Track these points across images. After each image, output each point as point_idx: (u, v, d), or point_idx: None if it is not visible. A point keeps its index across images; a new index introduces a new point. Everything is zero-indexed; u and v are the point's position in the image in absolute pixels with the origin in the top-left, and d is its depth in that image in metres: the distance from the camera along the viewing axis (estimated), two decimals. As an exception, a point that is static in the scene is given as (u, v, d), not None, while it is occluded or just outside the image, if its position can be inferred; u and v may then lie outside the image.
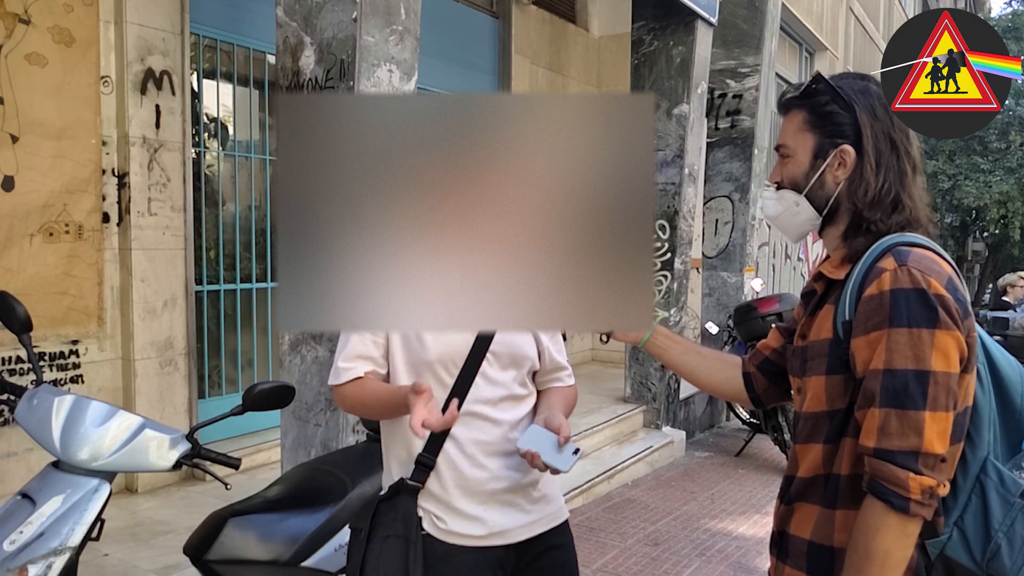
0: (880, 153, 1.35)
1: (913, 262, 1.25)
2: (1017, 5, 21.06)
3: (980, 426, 1.31)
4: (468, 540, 1.68)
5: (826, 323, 1.36)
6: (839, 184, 1.37)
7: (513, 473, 1.72)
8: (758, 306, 6.31)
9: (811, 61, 12.25)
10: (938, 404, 1.21)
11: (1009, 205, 17.82)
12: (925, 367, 1.21)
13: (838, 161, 1.37)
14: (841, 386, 1.32)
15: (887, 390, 1.22)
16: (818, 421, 1.36)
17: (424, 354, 1.69)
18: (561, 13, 7.86)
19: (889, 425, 1.22)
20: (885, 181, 1.34)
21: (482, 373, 1.70)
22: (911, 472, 1.20)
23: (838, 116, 1.37)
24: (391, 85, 3.27)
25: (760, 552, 4.29)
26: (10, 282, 3.63)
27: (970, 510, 1.29)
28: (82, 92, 3.93)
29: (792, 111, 1.42)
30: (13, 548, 1.80)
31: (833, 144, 1.37)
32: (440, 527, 1.67)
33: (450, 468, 1.68)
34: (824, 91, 1.38)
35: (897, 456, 1.21)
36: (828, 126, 1.37)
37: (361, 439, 3.13)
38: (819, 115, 1.38)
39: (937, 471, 1.21)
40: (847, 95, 1.36)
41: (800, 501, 1.40)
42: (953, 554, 1.29)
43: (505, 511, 1.71)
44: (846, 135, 1.36)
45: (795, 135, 1.41)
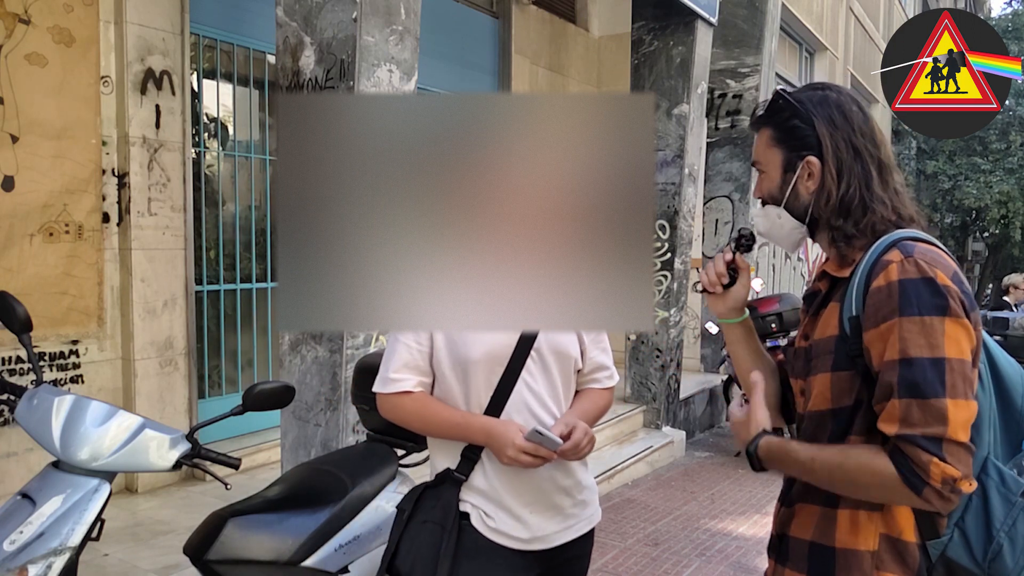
0: (840, 162, 1.37)
1: (919, 254, 1.26)
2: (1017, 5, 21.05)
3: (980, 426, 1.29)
4: (512, 542, 1.71)
5: (831, 320, 1.36)
6: (812, 194, 1.40)
7: (556, 473, 1.75)
8: (758, 306, 6.31)
9: (811, 61, 12.25)
10: (957, 391, 1.19)
11: (1010, 205, 17.80)
12: (940, 354, 1.20)
13: (807, 173, 1.40)
14: (848, 382, 1.31)
15: (904, 380, 1.21)
16: (823, 420, 1.36)
17: (469, 353, 1.71)
18: (561, 13, 7.85)
19: (911, 415, 1.20)
20: (848, 187, 1.36)
21: (527, 370, 1.72)
22: (935, 457, 1.17)
23: (800, 130, 1.40)
24: (391, 85, 3.26)
25: (760, 552, 4.29)
26: (10, 282, 3.63)
27: (971, 510, 1.28)
28: (82, 92, 3.93)
29: (761, 128, 1.47)
30: (13, 548, 1.80)
31: (799, 157, 1.40)
32: (488, 524, 1.71)
33: (495, 464, 1.71)
34: (785, 107, 1.42)
35: (921, 440, 1.19)
36: (792, 140, 1.41)
37: (361, 439, 3.13)
38: (783, 130, 1.42)
39: (962, 461, 1.18)
40: (806, 108, 1.39)
41: (801, 502, 1.40)
42: (954, 555, 1.28)
43: (548, 514, 1.75)
44: (810, 147, 1.39)
45: (765, 151, 1.46)
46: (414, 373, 1.75)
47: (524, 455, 1.62)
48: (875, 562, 1.29)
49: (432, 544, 1.69)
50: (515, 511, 1.71)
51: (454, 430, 1.72)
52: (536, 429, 1.63)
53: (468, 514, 1.71)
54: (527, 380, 1.73)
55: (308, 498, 2.21)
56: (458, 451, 1.74)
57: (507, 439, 1.63)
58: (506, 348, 1.71)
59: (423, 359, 1.75)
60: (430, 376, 1.77)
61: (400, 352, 1.75)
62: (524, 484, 1.72)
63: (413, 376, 1.75)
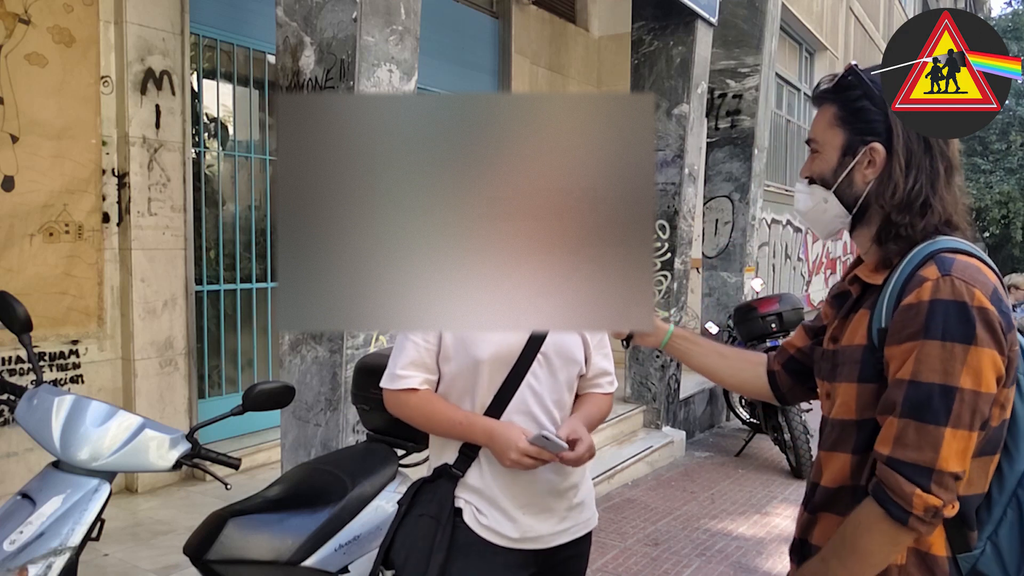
0: (911, 153, 1.29)
1: (957, 272, 1.19)
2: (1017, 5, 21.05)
3: (1019, 438, 1.25)
4: (502, 540, 1.72)
5: (860, 329, 1.31)
6: (868, 184, 1.32)
7: (553, 476, 1.75)
8: (758, 306, 6.31)
9: (811, 61, 12.26)
10: (961, 422, 1.16)
11: (1010, 205, 17.82)
12: (953, 383, 1.16)
13: (867, 160, 1.31)
14: (874, 395, 1.27)
15: (909, 401, 1.18)
16: (846, 429, 1.32)
17: (478, 353, 1.72)
18: (561, 13, 7.86)
19: (906, 436, 1.18)
20: (916, 183, 1.28)
21: (532, 373, 1.73)
22: (918, 488, 1.16)
23: (869, 113, 1.31)
24: (391, 85, 3.26)
25: (760, 552, 4.29)
26: (10, 282, 3.63)
27: (1005, 524, 1.25)
28: (82, 92, 3.93)
29: (824, 105, 1.37)
30: (13, 548, 1.80)
31: (863, 142, 1.31)
32: (480, 521, 1.71)
33: (491, 463, 1.72)
34: (856, 85, 1.32)
35: (908, 468, 1.17)
36: (858, 123, 1.32)
37: (361, 439, 3.13)
38: (850, 111, 1.32)
39: (947, 490, 1.16)
40: (880, 90, 1.29)
41: (824, 511, 1.36)
42: (986, 569, 1.25)
43: (542, 516, 1.75)
44: (877, 133, 1.30)
45: (825, 130, 1.36)
46: (421, 371, 1.76)
47: (526, 458, 1.63)
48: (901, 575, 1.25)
49: (426, 537, 1.70)
50: (508, 510, 1.72)
51: (456, 429, 1.72)
52: (543, 434, 1.63)
53: (461, 510, 1.73)
54: (531, 382, 1.74)
55: (308, 498, 2.21)
56: (456, 447, 1.76)
57: (510, 443, 1.64)
58: (514, 349, 1.73)
59: (430, 357, 1.77)
60: (436, 374, 1.78)
61: (408, 349, 1.77)
62: (519, 484, 1.73)
63: (420, 374, 1.76)
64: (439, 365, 1.78)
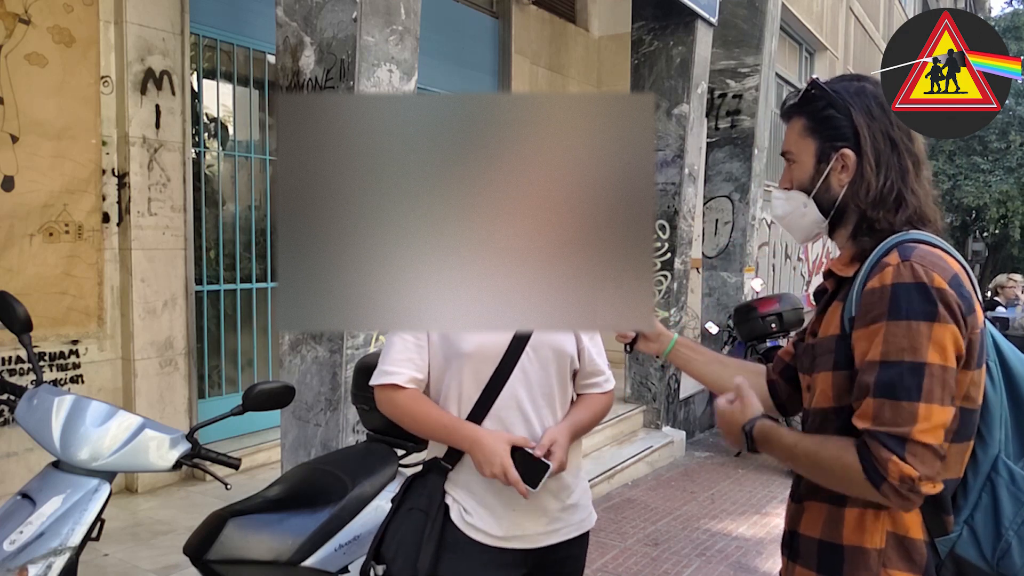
0: (879, 153, 1.36)
1: (917, 258, 1.26)
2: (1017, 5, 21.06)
3: (991, 424, 1.30)
4: (487, 539, 1.70)
5: (834, 319, 1.36)
6: (843, 187, 1.39)
7: None
8: (758, 306, 6.31)
9: (811, 61, 12.25)
10: (933, 396, 1.20)
11: (1009, 205, 17.83)
12: (920, 359, 1.21)
13: (840, 164, 1.38)
14: (848, 381, 1.32)
15: (880, 382, 1.23)
16: (826, 417, 1.36)
17: (460, 347, 1.71)
18: (561, 13, 7.86)
19: (883, 413, 1.22)
20: (887, 179, 1.35)
21: (521, 367, 1.72)
22: (894, 455, 1.19)
23: (835, 120, 1.38)
24: (391, 85, 3.27)
25: (760, 552, 4.29)
26: (10, 282, 3.63)
27: (980, 508, 1.29)
28: (82, 92, 3.93)
29: (793, 118, 1.45)
30: (13, 548, 1.80)
31: (833, 148, 1.39)
32: (465, 519, 1.70)
33: None
34: (820, 96, 1.40)
35: (885, 437, 1.21)
36: (827, 130, 1.39)
37: (361, 439, 3.13)
38: (817, 120, 1.41)
39: (924, 463, 1.19)
40: (842, 98, 1.38)
41: (810, 499, 1.40)
42: (963, 552, 1.29)
43: (532, 516, 1.73)
44: (845, 138, 1.38)
45: (797, 141, 1.44)
46: (408, 367, 1.75)
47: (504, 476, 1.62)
48: (882, 560, 1.29)
49: (416, 531, 1.70)
50: (495, 509, 1.71)
51: (441, 432, 1.72)
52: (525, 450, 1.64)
53: (449, 507, 1.72)
54: (520, 378, 1.72)
55: (308, 498, 2.22)
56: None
57: (495, 455, 1.63)
58: (499, 344, 1.71)
59: (419, 354, 1.75)
60: (425, 371, 1.77)
61: (396, 346, 1.76)
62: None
63: (407, 370, 1.74)
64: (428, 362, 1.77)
